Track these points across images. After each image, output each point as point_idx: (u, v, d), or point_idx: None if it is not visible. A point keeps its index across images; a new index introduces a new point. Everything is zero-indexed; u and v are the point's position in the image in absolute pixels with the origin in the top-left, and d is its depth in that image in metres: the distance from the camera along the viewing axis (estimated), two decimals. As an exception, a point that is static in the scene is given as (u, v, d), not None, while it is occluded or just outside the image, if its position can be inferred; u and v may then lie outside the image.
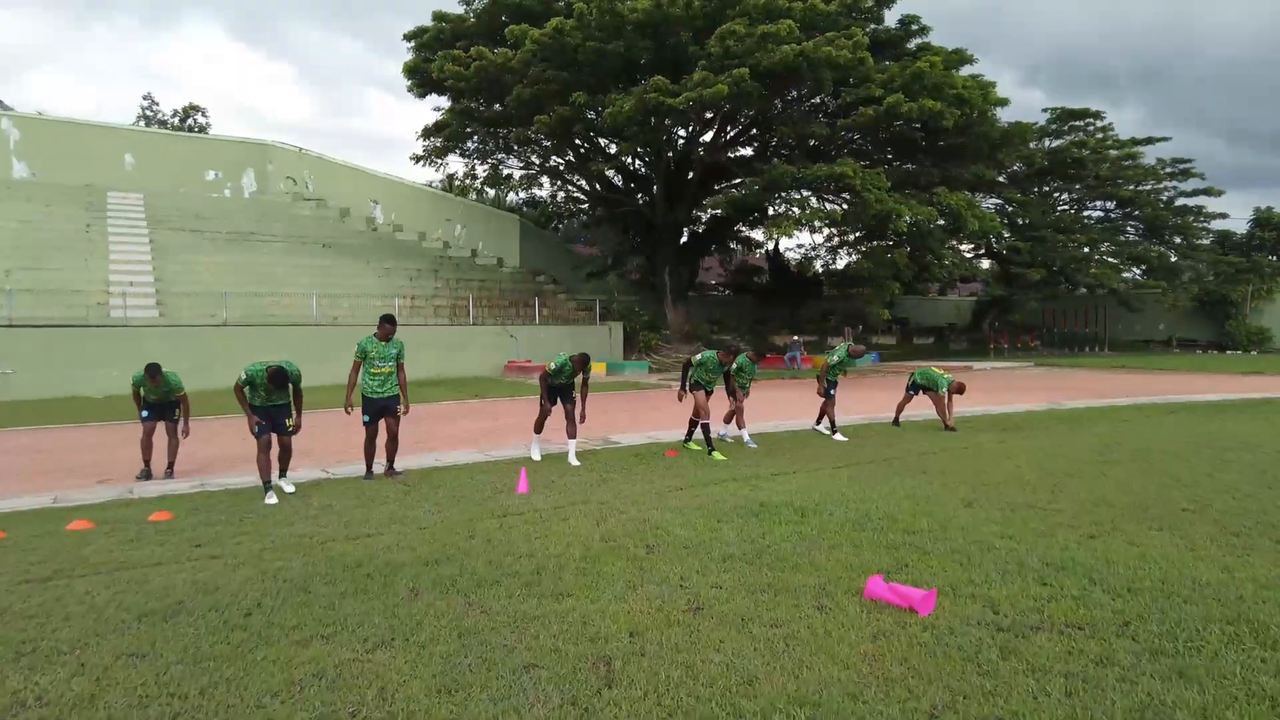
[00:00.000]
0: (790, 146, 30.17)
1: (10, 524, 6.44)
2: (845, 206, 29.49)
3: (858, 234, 34.42)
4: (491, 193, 40.52)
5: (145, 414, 8.82)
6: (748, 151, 33.10)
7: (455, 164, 35.01)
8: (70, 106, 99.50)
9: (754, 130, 31.78)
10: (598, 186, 34.18)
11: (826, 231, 36.79)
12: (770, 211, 31.80)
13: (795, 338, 31.78)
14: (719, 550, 5.39)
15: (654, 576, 4.84)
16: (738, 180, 30.40)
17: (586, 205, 37.93)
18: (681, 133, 30.34)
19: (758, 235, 40.04)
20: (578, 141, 30.94)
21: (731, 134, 31.63)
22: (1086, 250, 41.38)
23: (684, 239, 35.46)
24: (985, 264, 48.08)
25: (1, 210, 25.54)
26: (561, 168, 34.07)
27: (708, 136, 30.89)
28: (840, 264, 41.34)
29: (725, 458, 9.40)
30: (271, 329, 22.08)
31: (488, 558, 5.27)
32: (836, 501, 6.88)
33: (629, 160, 32.15)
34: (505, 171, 34.30)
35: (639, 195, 33.82)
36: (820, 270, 43.25)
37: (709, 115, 28.56)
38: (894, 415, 12.59)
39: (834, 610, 4.26)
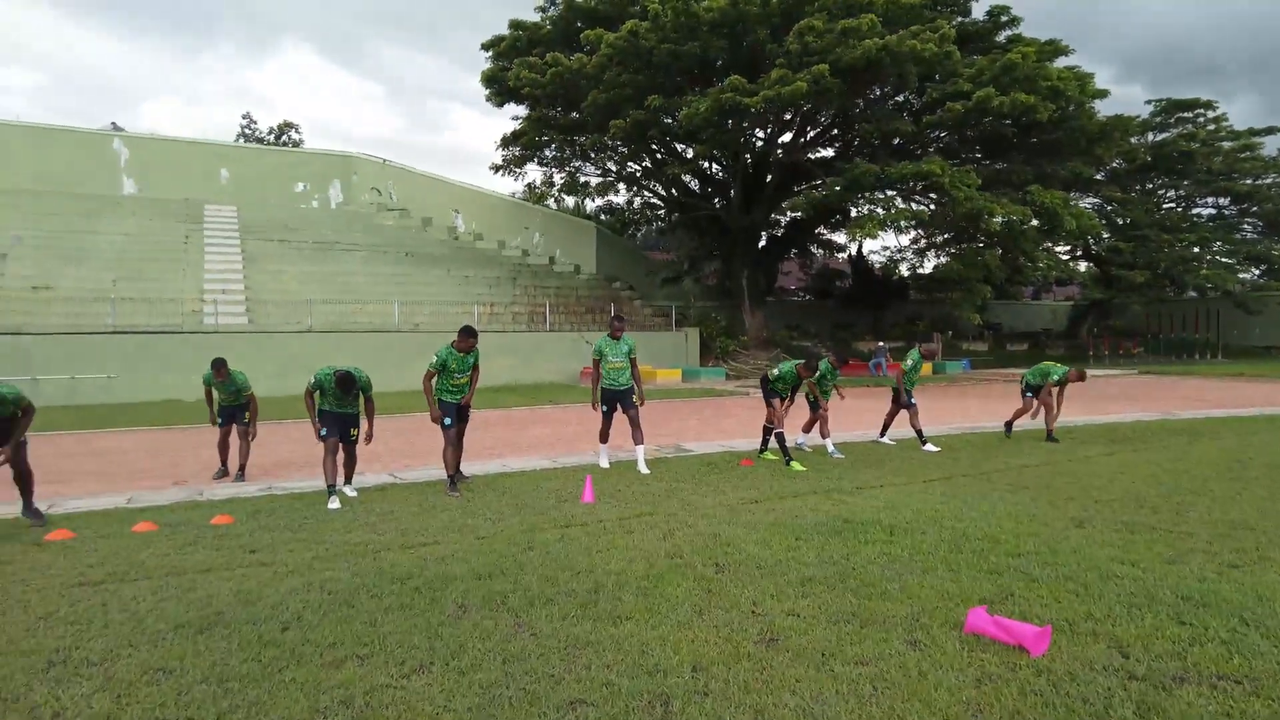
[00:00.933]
0: (873, 145, 29.15)
1: (82, 524, 6.44)
2: (932, 207, 28.28)
3: (946, 235, 33.05)
4: (569, 200, 40.68)
5: (220, 420, 8.92)
6: (828, 152, 32.20)
7: (533, 172, 35.31)
8: (178, 129, 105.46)
9: (835, 130, 30.86)
10: (674, 191, 33.82)
11: (913, 233, 35.49)
12: (853, 213, 30.82)
13: (880, 344, 30.65)
14: (796, 572, 4.87)
15: (723, 600, 4.37)
16: (818, 181, 29.55)
17: (663, 211, 37.60)
18: (759, 134, 29.70)
19: (839, 238, 38.96)
20: (653, 146, 30.66)
21: (811, 134, 30.79)
22: (1196, 250, 38.58)
23: (762, 243, 34.76)
24: (1083, 266, 45.56)
25: (111, 224, 26.96)
26: (638, 174, 33.85)
27: (786, 137, 30.15)
28: (928, 267, 39.80)
29: (805, 469, 8.82)
30: (354, 335, 22.53)
31: (544, 572, 4.90)
32: (929, 519, 6.25)
33: (705, 164, 31.67)
34: (582, 179, 34.32)
35: (715, 199, 33.30)
36: (906, 273, 41.74)
37: (788, 115, 27.83)
38: (1007, 422, 11.49)
39: (929, 646, 3.70)
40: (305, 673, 3.46)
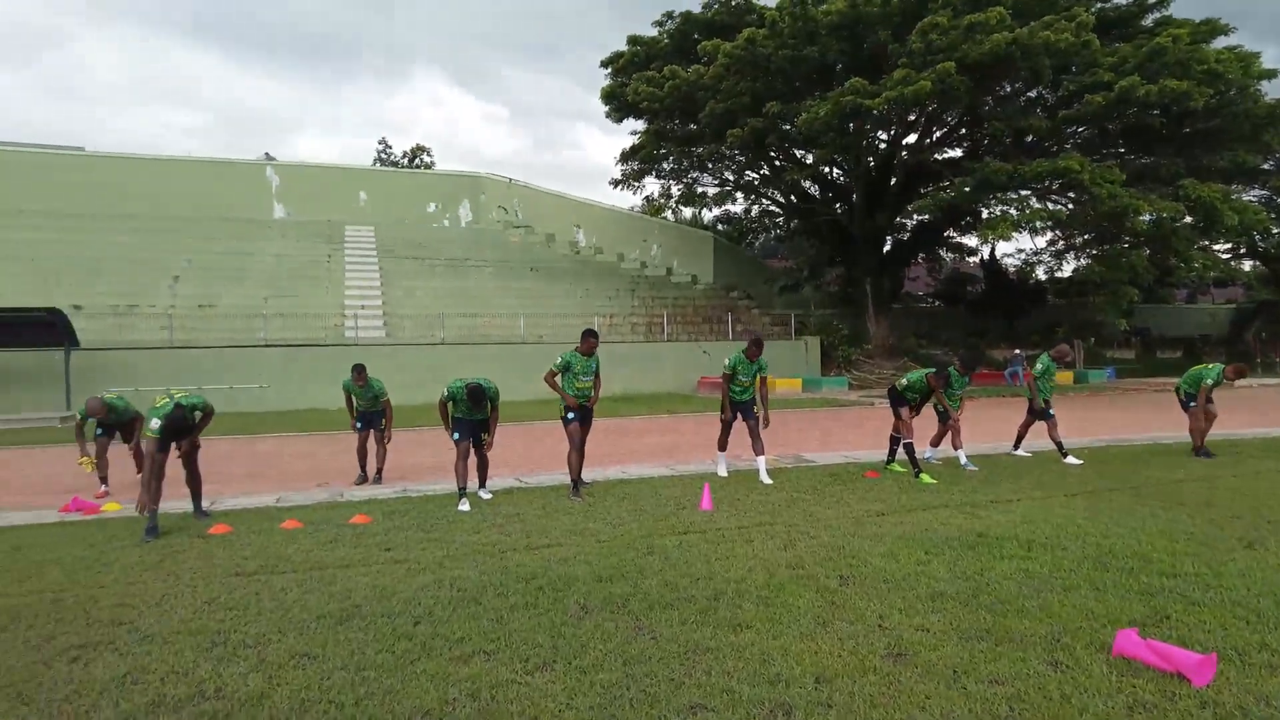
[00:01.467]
0: (1004, 143, 27.74)
1: (238, 520, 6.99)
2: (1071, 206, 26.63)
3: (1087, 236, 30.99)
4: (687, 211, 40.88)
5: (359, 424, 9.45)
6: (956, 152, 30.93)
7: (651, 185, 35.69)
8: (321, 157, 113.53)
9: (962, 129, 29.62)
10: (793, 198, 33.37)
11: (1049, 234, 33.50)
12: (984, 214, 29.44)
13: (1016, 351, 28.99)
14: (926, 586, 4.67)
15: (847, 613, 4.24)
16: (945, 182, 28.42)
17: (781, 218, 37.16)
18: (882, 136, 28.90)
19: (970, 241, 37.26)
20: (772, 153, 30.37)
21: (937, 134, 29.68)
22: (1393, 244, 34.42)
23: (886, 247, 33.72)
24: (1247, 265, 41.67)
25: (263, 246, 29.24)
26: (755, 181, 33.62)
27: (911, 138, 29.19)
28: (1067, 269, 37.46)
29: (934, 481, 8.45)
30: (483, 347, 23.46)
31: (663, 578, 4.91)
32: (1071, 535, 5.85)
33: (826, 169, 31.08)
34: (699, 189, 34.41)
35: (837, 204, 32.61)
36: (1043, 277, 39.42)
37: (912, 116, 26.95)
38: (1194, 447, 10.23)
39: (1072, 668, 3.46)
40: (435, 665, 3.61)
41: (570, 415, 8.03)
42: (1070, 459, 9.68)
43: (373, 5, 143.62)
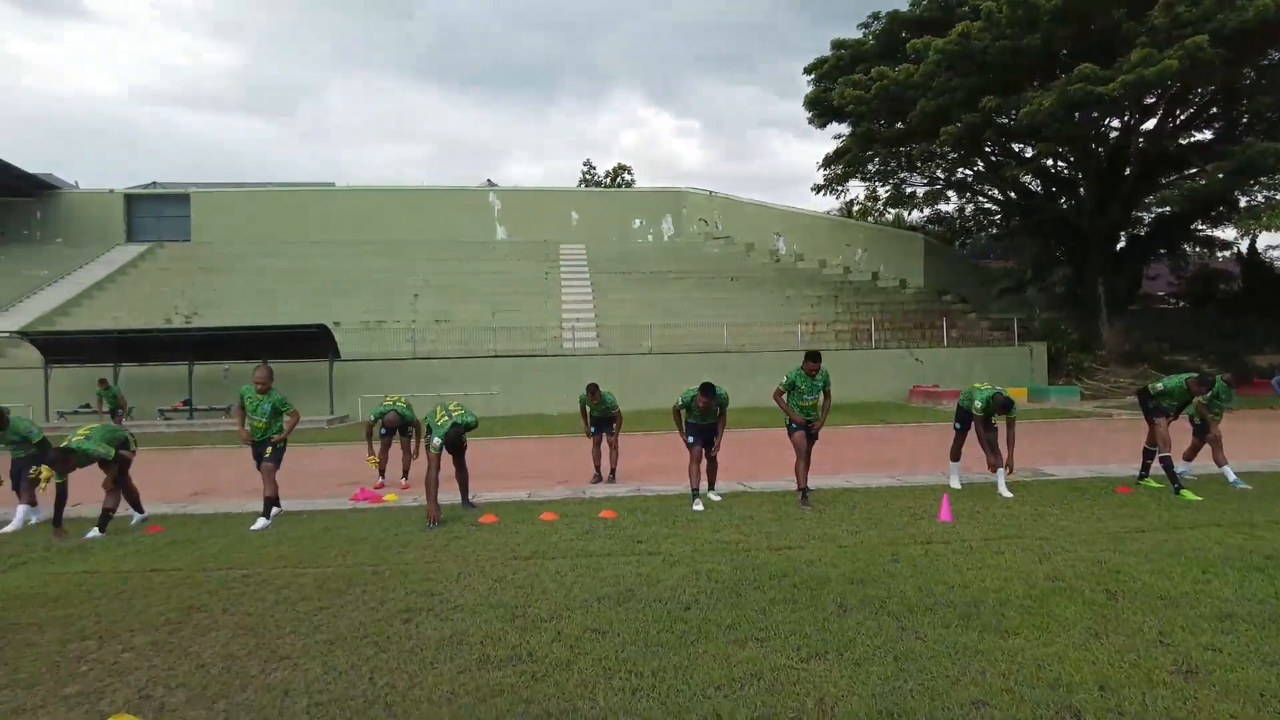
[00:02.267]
0: (1269, 120, 24.43)
1: (500, 511, 7.82)
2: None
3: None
4: (891, 214, 39.52)
5: (593, 429, 10.21)
6: (1206, 134, 27.65)
7: (855, 188, 34.88)
8: (531, 180, 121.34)
9: (1213, 108, 26.46)
10: (1012, 194, 31.34)
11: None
12: (1242, 203, 26.09)
13: (1285, 357, 25.41)
14: (1210, 607, 4.39)
15: (1122, 627, 4.10)
16: (1192, 170, 25.52)
17: (999, 216, 34.92)
18: (1114, 123, 26.48)
19: (1224, 234, 33.09)
20: (988, 148, 28.73)
21: (1182, 116, 26.71)
22: None
23: (1120, 244, 30.74)
24: None
25: (489, 265, 31.87)
26: (970, 179, 31.93)
27: (1150, 124, 26.49)
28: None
29: (1199, 498, 7.75)
30: (687, 356, 24.10)
31: (916, 583, 4.96)
32: (1388, 561, 5.21)
33: (1049, 162, 28.90)
34: (908, 190, 33.19)
35: (1062, 199, 30.23)
36: (1320, 272, 34.14)
37: (1150, 99, 24.48)
38: None
39: None
40: (714, 647, 3.93)
41: (794, 426, 8.19)
42: (1374, 479, 8.48)
43: (573, 35, 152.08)
